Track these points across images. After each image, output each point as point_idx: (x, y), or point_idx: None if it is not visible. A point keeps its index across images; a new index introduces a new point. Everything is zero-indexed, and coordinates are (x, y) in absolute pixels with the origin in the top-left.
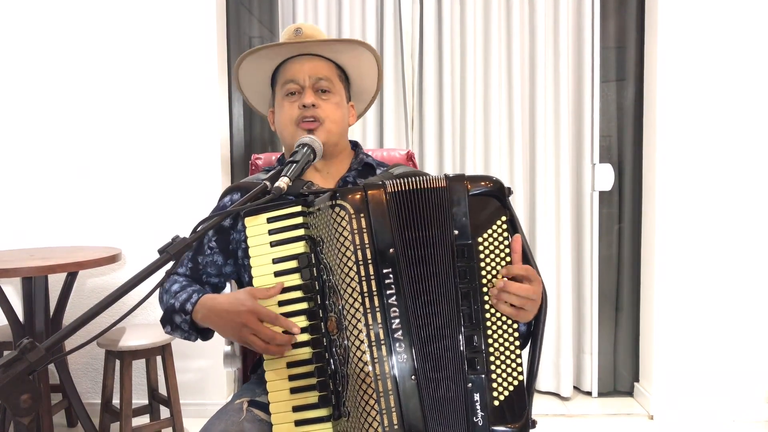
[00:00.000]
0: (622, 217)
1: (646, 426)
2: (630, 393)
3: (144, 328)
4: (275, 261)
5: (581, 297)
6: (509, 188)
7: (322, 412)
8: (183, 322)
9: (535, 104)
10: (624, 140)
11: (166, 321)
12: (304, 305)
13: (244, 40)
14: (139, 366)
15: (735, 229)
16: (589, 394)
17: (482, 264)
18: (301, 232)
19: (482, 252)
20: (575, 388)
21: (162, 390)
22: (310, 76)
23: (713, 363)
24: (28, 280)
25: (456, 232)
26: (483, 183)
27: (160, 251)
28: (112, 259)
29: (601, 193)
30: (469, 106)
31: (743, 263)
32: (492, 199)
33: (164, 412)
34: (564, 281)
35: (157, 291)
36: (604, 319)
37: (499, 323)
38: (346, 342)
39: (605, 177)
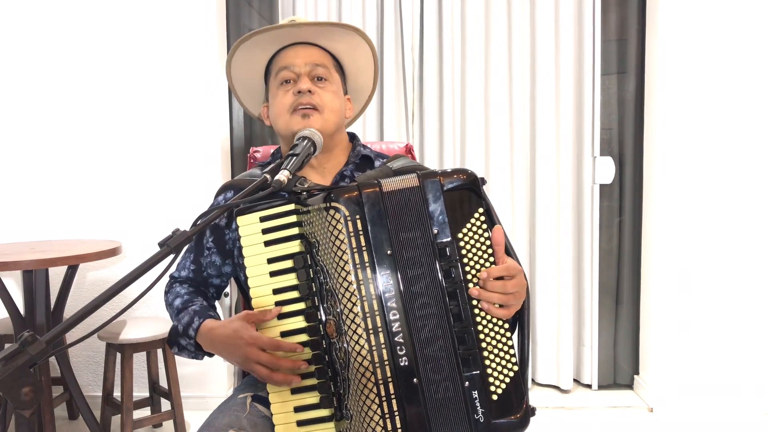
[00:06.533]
0: (622, 210)
1: (646, 419)
2: (630, 386)
3: (144, 320)
4: (270, 261)
5: (581, 290)
6: (483, 178)
7: (323, 412)
8: (188, 344)
9: (536, 97)
10: (625, 133)
11: (173, 343)
12: (301, 305)
13: (244, 33)
14: (139, 359)
15: (735, 222)
16: (589, 386)
17: (465, 260)
18: (295, 231)
19: (464, 248)
20: (575, 380)
21: (163, 383)
22: (306, 63)
23: (713, 356)
24: (29, 273)
25: (435, 230)
26: (456, 176)
27: (161, 244)
28: (113, 252)
29: (602, 186)
30: (469, 98)
31: (743, 256)
32: (467, 191)
33: (165, 405)
34: (564, 274)
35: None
36: (604, 312)
37: (488, 317)
38: (346, 346)
39: (606, 170)
